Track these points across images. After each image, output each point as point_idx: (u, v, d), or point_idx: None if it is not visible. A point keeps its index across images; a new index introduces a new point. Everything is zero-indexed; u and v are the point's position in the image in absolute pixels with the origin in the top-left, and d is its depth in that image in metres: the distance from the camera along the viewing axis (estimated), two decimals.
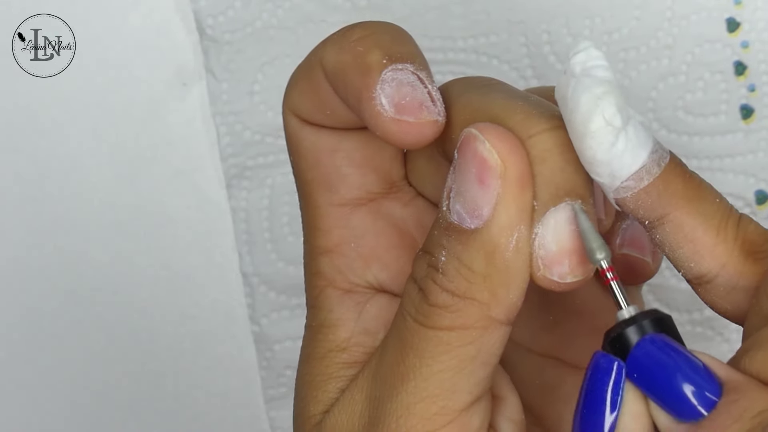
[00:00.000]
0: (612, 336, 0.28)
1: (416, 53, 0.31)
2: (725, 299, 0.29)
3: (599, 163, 0.28)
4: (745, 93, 0.49)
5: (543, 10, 0.49)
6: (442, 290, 0.28)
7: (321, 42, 0.32)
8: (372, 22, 0.31)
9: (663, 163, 0.28)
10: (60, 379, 0.52)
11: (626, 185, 0.28)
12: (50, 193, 0.51)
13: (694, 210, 0.29)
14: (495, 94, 0.30)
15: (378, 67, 0.29)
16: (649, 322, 0.28)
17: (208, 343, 0.52)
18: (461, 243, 0.28)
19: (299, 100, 0.32)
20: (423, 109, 0.29)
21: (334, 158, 0.32)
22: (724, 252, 0.29)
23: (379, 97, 0.29)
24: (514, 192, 0.28)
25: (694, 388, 0.26)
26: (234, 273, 0.52)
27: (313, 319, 0.33)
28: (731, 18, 0.49)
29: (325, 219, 0.33)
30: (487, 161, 0.28)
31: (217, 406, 0.52)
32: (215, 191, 0.51)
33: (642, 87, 0.50)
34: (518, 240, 0.28)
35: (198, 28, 0.50)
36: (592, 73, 0.28)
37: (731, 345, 0.51)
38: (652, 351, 0.27)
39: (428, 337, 0.28)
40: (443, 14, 0.50)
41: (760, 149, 0.49)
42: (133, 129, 0.51)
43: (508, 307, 0.28)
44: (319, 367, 0.32)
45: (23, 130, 0.51)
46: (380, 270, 0.33)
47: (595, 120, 0.27)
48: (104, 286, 0.52)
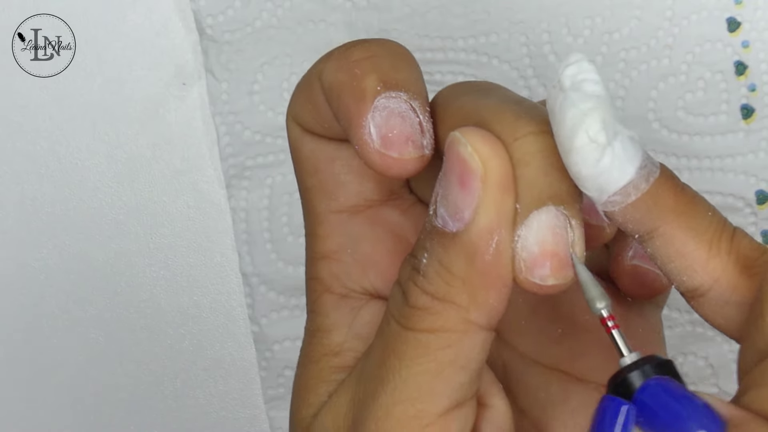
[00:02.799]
0: (616, 382, 0.28)
1: (413, 79, 0.31)
2: (718, 313, 0.29)
3: (584, 178, 0.28)
4: (746, 93, 0.49)
5: (543, 10, 0.49)
6: (422, 292, 0.28)
7: (323, 56, 0.32)
8: (374, 42, 0.31)
9: (652, 178, 0.28)
10: (60, 379, 0.52)
11: (613, 200, 0.28)
12: (50, 193, 0.51)
13: (685, 224, 0.29)
14: (488, 98, 0.30)
15: (372, 94, 0.30)
16: (650, 367, 0.28)
17: (208, 343, 0.52)
18: (442, 246, 0.28)
19: (300, 109, 0.32)
20: (408, 144, 0.29)
21: (332, 166, 0.33)
22: (717, 266, 0.29)
23: (368, 125, 0.29)
24: (494, 195, 0.28)
25: (699, 428, 0.26)
26: (234, 273, 0.52)
27: (311, 323, 0.33)
28: (732, 18, 0.49)
29: (324, 225, 0.33)
30: (468, 164, 0.28)
31: (217, 406, 0.52)
32: (215, 191, 0.52)
33: (642, 87, 0.49)
34: (498, 243, 0.28)
35: (198, 27, 0.50)
36: (581, 88, 0.28)
37: (732, 345, 0.50)
38: (656, 393, 0.27)
39: (408, 339, 0.28)
40: (443, 14, 0.50)
41: (760, 149, 0.49)
42: (133, 129, 0.51)
43: (489, 311, 0.28)
44: (313, 371, 0.32)
45: (23, 130, 0.51)
46: (376, 276, 0.33)
47: (580, 136, 0.27)
48: (104, 286, 0.52)
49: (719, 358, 0.51)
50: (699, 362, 0.51)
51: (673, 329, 0.50)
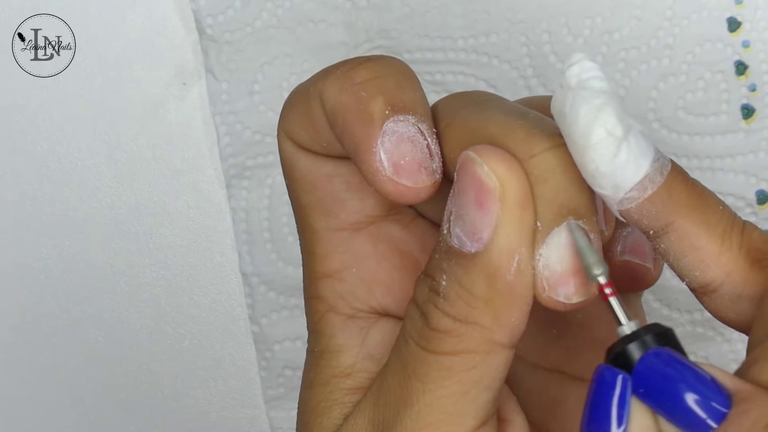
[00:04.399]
0: (614, 352, 0.27)
1: (419, 100, 0.30)
2: (730, 308, 0.29)
3: (602, 175, 0.27)
4: (746, 93, 0.49)
5: (543, 10, 0.49)
6: (444, 315, 0.28)
7: (322, 72, 0.31)
8: (377, 60, 0.31)
9: (665, 171, 0.28)
10: (60, 379, 0.52)
11: (630, 196, 0.28)
12: (50, 193, 0.51)
13: (698, 218, 0.28)
14: (491, 111, 0.29)
15: (380, 119, 0.29)
16: (651, 336, 0.27)
17: (208, 343, 0.52)
18: (462, 267, 0.28)
19: (295, 126, 0.32)
20: (421, 171, 0.29)
21: (331, 184, 0.32)
22: (729, 260, 0.28)
23: (379, 152, 0.29)
24: (513, 214, 0.27)
25: (702, 401, 0.26)
26: (234, 273, 0.52)
27: (315, 345, 0.32)
28: (732, 17, 0.49)
29: (324, 244, 0.32)
30: (485, 184, 0.27)
31: (217, 406, 0.52)
32: (215, 191, 0.51)
33: (642, 87, 0.49)
34: (519, 263, 0.27)
35: (198, 27, 0.50)
36: (588, 85, 0.27)
37: (732, 345, 0.50)
38: (657, 365, 0.27)
39: (430, 362, 0.28)
40: (443, 14, 0.50)
41: (760, 149, 0.49)
42: (133, 129, 0.51)
43: (512, 330, 0.28)
44: (323, 393, 0.31)
45: (23, 130, 0.51)
46: (383, 295, 0.32)
47: (596, 131, 0.27)
48: (104, 286, 0.52)
49: (719, 358, 0.51)
50: None
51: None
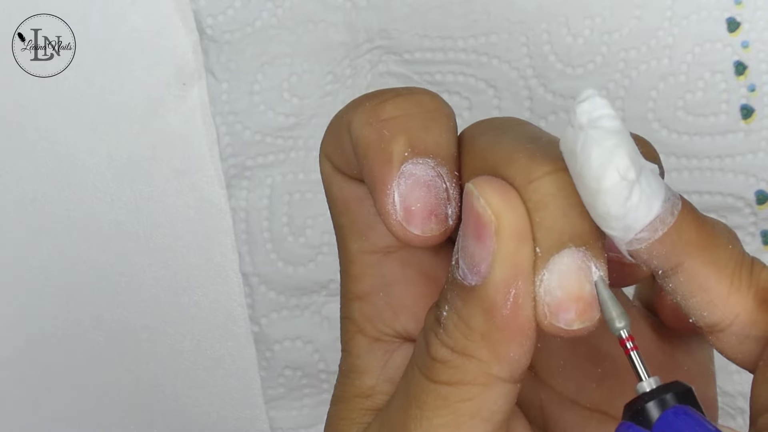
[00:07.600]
0: (634, 409, 0.27)
1: (443, 142, 0.30)
2: (737, 348, 0.29)
3: (613, 218, 0.26)
4: (746, 93, 0.49)
5: (543, 10, 0.49)
6: (442, 345, 0.28)
7: (355, 101, 0.31)
8: (407, 97, 0.30)
9: (676, 211, 0.27)
10: (60, 379, 0.52)
11: (640, 237, 0.27)
12: (50, 193, 0.51)
13: (708, 258, 0.28)
14: (504, 137, 0.29)
15: (399, 160, 0.29)
16: (671, 395, 0.27)
17: (208, 343, 0.52)
18: (461, 299, 0.28)
19: (331, 151, 0.32)
20: (431, 220, 0.29)
21: (363, 206, 0.32)
22: (737, 302, 0.28)
23: (393, 194, 0.29)
24: (509, 248, 0.27)
25: None
26: (234, 273, 0.52)
27: (343, 363, 0.33)
28: (731, 18, 0.49)
29: (357, 265, 0.32)
30: (481, 217, 0.27)
31: (217, 406, 0.52)
32: (215, 191, 0.52)
33: (642, 87, 0.49)
34: (516, 297, 0.27)
35: (198, 27, 0.50)
36: (599, 124, 0.26)
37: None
38: (676, 424, 0.26)
39: (429, 390, 0.28)
40: (443, 14, 0.50)
41: (760, 149, 0.49)
42: (133, 129, 0.51)
43: (510, 364, 0.28)
44: (344, 411, 0.32)
45: (23, 130, 0.51)
46: (408, 320, 0.32)
47: (609, 176, 0.26)
48: (104, 286, 0.52)
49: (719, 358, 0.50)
50: None
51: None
